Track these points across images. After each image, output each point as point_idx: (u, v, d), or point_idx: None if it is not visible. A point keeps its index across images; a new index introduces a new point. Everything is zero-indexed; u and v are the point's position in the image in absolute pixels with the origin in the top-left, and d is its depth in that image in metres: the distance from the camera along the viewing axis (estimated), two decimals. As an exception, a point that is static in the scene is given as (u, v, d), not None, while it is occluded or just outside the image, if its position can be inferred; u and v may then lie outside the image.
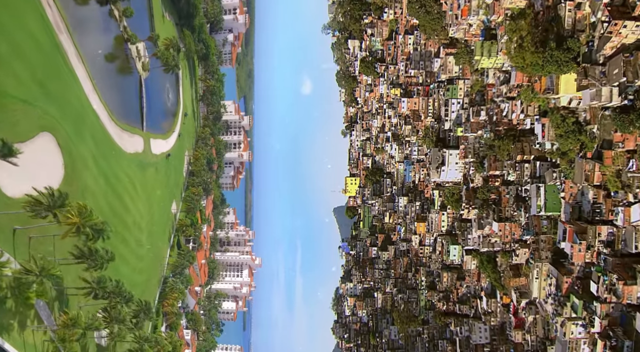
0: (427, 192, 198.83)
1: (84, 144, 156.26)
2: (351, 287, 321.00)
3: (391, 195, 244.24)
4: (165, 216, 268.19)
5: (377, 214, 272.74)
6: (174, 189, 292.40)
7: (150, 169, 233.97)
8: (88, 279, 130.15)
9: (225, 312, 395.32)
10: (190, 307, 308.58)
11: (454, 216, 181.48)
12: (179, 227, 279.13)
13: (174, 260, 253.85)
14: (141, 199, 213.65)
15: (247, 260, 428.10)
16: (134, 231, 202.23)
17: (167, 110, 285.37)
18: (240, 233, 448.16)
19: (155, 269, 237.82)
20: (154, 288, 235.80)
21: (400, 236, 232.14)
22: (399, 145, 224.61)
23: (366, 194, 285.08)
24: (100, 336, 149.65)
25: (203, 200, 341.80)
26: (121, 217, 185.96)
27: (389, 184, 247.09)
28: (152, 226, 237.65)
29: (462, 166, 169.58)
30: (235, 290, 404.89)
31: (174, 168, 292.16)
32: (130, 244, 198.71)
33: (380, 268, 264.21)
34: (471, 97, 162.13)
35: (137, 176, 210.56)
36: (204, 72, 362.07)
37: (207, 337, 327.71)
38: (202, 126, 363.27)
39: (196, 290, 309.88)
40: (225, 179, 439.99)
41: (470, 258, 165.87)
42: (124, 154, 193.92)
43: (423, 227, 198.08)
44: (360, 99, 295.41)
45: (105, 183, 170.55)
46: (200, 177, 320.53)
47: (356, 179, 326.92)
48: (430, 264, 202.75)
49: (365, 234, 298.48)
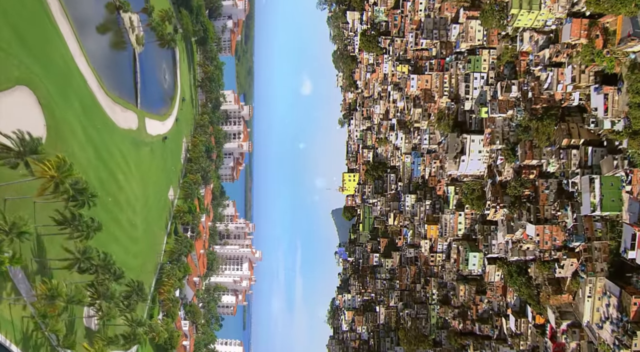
0: (440, 189, 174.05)
1: (70, 109, 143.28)
2: (349, 299, 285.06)
3: (396, 193, 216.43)
4: (161, 201, 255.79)
5: (379, 215, 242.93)
6: (171, 175, 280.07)
7: (145, 149, 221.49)
8: (71, 249, 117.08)
9: (225, 306, 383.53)
10: (189, 298, 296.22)
11: (473, 217, 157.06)
12: (176, 213, 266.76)
13: (171, 247, 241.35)
14: (135, 178, 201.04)
15: (247, 253, 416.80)
16: (127, 211, 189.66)
17: (164, 92, 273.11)
18: (240, 226, 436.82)
19: (150, 255, 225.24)
20: (150, 275, 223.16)
21: (407, 241, 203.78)
22: (406, 134, 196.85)
23: (366, 192, 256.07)
24: (88, 316, 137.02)
25: (202, 189, 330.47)
26: (113, 194, 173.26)
27: (393, 180, 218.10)
28: (148, 210, 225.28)
29: (486, 155, 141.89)
30: (235, 283, 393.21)
31: (171, 153, 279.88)
32: (123, 224, 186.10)
33: (383, 278, 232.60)
34: (498, 70, 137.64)
35: (131, 154, 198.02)
36: (202, 58, 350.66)
37: (206, 331, 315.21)
38: (201, 113, 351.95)
39: (194, 280, 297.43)
40: (225, 170, 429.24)
41: (494, 268, 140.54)
42: (116, 128, 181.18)
43: (435, 230, 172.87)
44: (360, 82, 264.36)
45: (95, 155, 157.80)
46: (198, 164, 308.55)
47: (355, 175, 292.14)
48: (443, 275, 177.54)
49: (366, 238, 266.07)
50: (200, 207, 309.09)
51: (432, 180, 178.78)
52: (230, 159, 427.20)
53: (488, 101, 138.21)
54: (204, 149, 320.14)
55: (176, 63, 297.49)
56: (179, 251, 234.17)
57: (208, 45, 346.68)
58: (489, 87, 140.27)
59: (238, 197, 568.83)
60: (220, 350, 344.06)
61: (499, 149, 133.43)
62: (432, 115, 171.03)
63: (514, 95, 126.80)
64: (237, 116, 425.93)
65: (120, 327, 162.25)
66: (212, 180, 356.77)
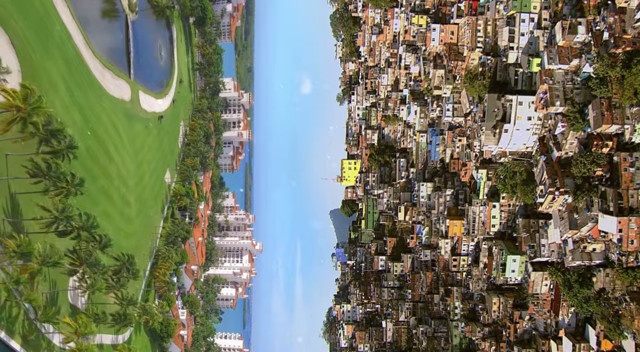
0: (466, 175, 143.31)
1: (51, 60, 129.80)
2: (348, 311, 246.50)
3: (407, 181, 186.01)
4: (158, 183, 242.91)
5: (385, 210, 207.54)
6: (168, 157, 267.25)
7: (139, 125, 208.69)
8: (48, 207, 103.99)
9: (225, 298, 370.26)
10: (187, 288, 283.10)
11: (512, 208, 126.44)
12: (173, 197, 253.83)
13: (167, 231, 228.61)
14: (128, 152, 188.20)
15: (247, 245, 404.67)
16: (119, 185, 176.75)
17: (160, 69, 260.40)
18: (240, 217, 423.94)
19: (145, 238, 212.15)
20: (145, 258, 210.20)
21: (422, 241, 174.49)
22: (422, 107, 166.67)
23: (370, 182, 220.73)
24: (73, 288, 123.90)
25: (200, 175, 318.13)
26: (102, 165, 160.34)
27: (404, 165, 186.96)
28: (142, 189, 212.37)
29: (538, 123, 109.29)
30: (234, 275, 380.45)
31: (168, 134, 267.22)
32: (114, 199, 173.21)
33: (391, 286, 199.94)
34: (555, 8, 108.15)
35: (123, 126, 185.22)
36: (201, 40, 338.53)
37: (205, 323, 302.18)
38: (199, 98, 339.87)
39: (192, 269, 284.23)
40: (224, 159, 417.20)
41: (541, 276, 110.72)
42: (106, 95, 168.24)
43: (459, 226, 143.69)
44: (364, 49, 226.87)
45: (82, 118, 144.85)
46: (196, 148, 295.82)
47: (356, 162, 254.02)
48: (469, 283, 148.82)
49: (369, 238, 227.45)
50: (198, 194, 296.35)
51: (456, 163, 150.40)
52: (229, 148, 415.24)
53: (542, 50, 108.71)
54: (202, 134, 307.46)
55: (173, 42, 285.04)
56: (176, 233, 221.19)
57: (207, 27, 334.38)
58: (542, 31, 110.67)
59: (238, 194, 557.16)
60: (219, 344, 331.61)
61: (559, 113, 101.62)
62: (458, 78, 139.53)
63: (580, 40, 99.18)
64: (237, 104, 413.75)
65: (110, 308, 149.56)
66: (211, 167, 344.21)
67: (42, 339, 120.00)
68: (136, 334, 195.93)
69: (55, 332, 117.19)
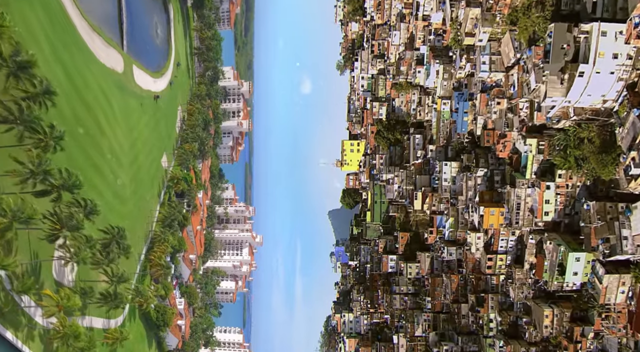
0: (505, 149, 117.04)
1: (31, 11, 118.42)
2: (351, 321, 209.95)
3: (425, 162, 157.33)
4: (154, 165, 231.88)
5: (396, 198, 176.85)
6: (165, 140, 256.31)
7: (133, 100, 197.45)
8: (22, 159, 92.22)
9: (224, 292, 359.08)
10: (185, 278, 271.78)
11: (570, 190, 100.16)
12: (170, 181, 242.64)
13: (163, 214, 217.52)
14: (121, 127, 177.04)
15: (247, 237, 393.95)
16: (110, 161, 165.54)
17: (156, 48, 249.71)
18: (240, 209, 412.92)
19: (140, 220, 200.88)
20: (140, 242, 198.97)
21: (444, 235, 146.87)
22: (446, 64, 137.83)
23: (377, 165, 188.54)
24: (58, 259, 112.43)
25: (199, 163, 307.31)
26: (92, 135, 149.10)
27: (420, 142, 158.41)
28: (137, 169, 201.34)
29: (628, 64, 79.71)
30: (234, 268, 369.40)
31: (165, 117, 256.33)
32: (105, 174, 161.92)
33: (404, 292, 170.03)
34: None
35: (115, 97, 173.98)
36: (199, 24, 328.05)
37: (203, 315, 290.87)
38: (198, 83, 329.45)
39: (191, 258, 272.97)
40: (224, 150, 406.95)
41: (617, 280, 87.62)
42: (95, 61, 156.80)
43: (496, 216, 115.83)
44: (371, 3, 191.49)
45: (66, 79, 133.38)
46: (195, 133, 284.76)
47: (360, 142, 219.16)
48: (508, 290, 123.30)
49: (376, 233, 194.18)
50: (197, 181, 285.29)
51: (491, 135, 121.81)
52: (229, 139, 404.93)
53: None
54: (200, 119, 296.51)
55: (170, 23, 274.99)
56: (172, 216, 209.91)
57: (205, 10, 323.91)
58: None
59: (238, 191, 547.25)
60: (219, 337, 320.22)
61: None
62: (499, 16, 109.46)
63: None
64: (237, 93, 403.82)
65: (100, 286, 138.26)
66: (210, 155, 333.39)
67: (22, 315, 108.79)
68: (130, 320, 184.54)
69: (34, 306, 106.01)
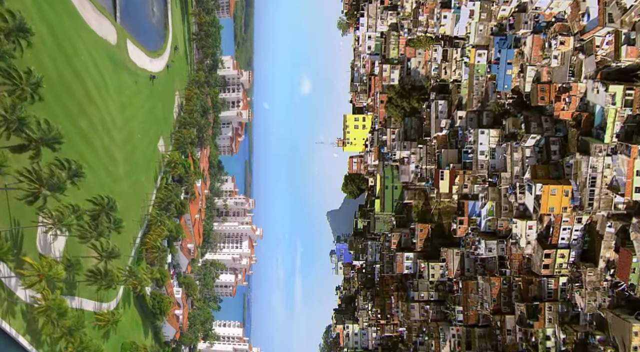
0: (569, 105, 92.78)
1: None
2: (356, 334, 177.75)
3: (451, 134, 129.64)
4: (150, 148, 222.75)
5: (413, 181, 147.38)
6: (162, 124, 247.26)
7: (127, 76, 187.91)
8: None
9: (224, 285, 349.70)
10: (183, 268, 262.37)
11: None
12: (167, 165, 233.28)
13: (160, 198, 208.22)
14: (113, 99, 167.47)
15: (247, 230, 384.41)
16: (101, 133, 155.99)
17: (152, 27, 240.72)
18: (240, 201, 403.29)
19: (136, 203, 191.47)
20: (135, 226, 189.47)
21: (480, 225, 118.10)
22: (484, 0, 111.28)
23: (388, 142, 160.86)
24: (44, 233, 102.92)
25: (197, 151, 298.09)
26: (80, 103, 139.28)
27: (444, 110, 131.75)
28: (132, 150, 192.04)
29: None
30: (234, 261, 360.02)
31: (161, 100, 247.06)
32: (97, 149, 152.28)
33: (426, 299, 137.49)
34: None
35: (108, 69, 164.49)
36: (197, 8, 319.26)
37: (202, 307, 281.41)
38: (196, 70, 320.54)
39: (189, 247, 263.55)
40: (223, 141, 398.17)
41: None
42: (86, 27, 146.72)
43: (558, 195, 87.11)
44: None
45: (53, 41, 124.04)
46: (193, 118, 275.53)
47: (365, 117, 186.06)
48: (574, 296, 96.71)
49: (387, 226, 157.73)
50: (195, 167, 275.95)
51: (546, 90, 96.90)
52: (228, 129, 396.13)
53: None
54: (199, 104, 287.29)
55: (167, 4, 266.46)
56: (169, 198, 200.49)
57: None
58: None
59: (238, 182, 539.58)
60: (218, 332, 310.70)
61: None
62: None
63: None
64: (236, 82, 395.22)
65: (89, 262, 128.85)
66: (208, 143, 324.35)
67: (1, 288, 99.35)
68: (124, 307, 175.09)
69: (14, 277, 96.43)
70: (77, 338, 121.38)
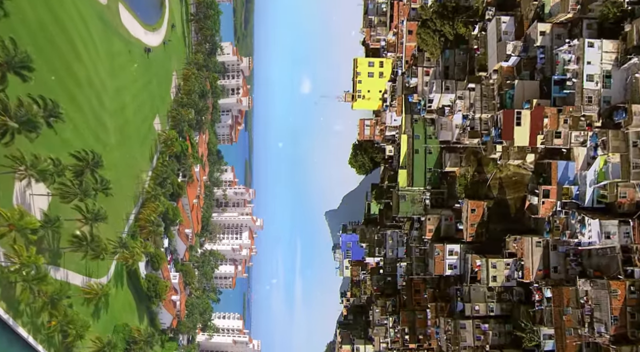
0: None
1: None
2: None
3: (526, 61, 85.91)
4: (145, 125, 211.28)
5: (459, 139, 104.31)
6: (158, 102, 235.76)
7: (119, 42, 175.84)
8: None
9: (223, 276, 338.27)
10: (180, 254, 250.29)
11: None
12: (163, 143, 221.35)
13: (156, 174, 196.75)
14: (102, 62, 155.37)
15: (247, 221, 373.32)
16: (89, 93, 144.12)
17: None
18: (240, 191, 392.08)
19: (129, 179, 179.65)
20: (129, 202, 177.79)
21: (578, 198, 78.50)
22: None
23: (420, 86, 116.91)
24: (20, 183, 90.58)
25: (196, 135, 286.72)
26: (64, 58, 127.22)
27: (510, 30, 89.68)
28: (125, 122, 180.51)
29: None
30: (233, 252, 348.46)
31: (157, 76, 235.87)
32: (84, 110, 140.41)
33: (485, 315, 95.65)
34: None
35: (97, 29, 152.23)
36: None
37: (200, 296, 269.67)
38: (195, 52, 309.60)
39: (187, 232, 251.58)
40: (223, 129, 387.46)
41: None
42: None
43: None
44: None
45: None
46: (191, 99, 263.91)
47: (383, 61, 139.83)
48: None
49: (417, 206, 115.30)
50: (193, 150, 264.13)
51: None
52: (228, 117, 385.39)
53: None
54: (197, 85, 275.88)
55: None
56: (165, 174, 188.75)
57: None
58: None
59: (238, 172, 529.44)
60: (217, 324, 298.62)
61: None
62: None
63: None
64: (236, 69, 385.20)
65: (73, 226, 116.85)
66: (207, 127, 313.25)
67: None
68: (117, 286, 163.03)
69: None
70: (61, 311, 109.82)
